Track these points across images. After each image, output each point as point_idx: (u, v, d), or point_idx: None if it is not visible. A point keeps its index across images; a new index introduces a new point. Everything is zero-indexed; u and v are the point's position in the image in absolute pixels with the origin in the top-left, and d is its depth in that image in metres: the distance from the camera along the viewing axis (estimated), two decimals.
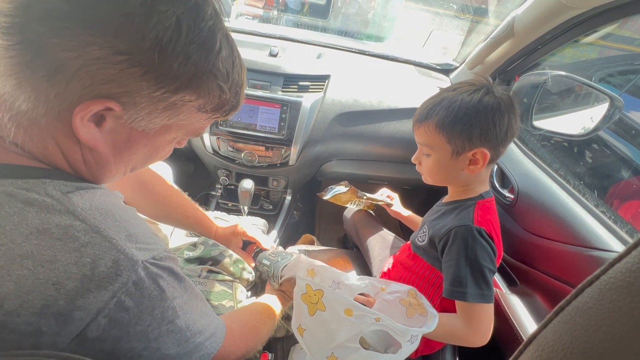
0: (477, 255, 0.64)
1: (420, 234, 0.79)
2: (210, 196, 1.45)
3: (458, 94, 0.67)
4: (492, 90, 0.66)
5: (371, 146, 1.21)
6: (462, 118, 0.65)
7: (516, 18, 0.90)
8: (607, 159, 1.29)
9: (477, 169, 0.68)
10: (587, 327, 0.16)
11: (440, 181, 0.76)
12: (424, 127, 0.70)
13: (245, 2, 4.07)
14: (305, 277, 0.65)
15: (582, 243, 0.71)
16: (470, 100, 0.65)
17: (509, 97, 0.67)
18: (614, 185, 1.17)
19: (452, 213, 0.73)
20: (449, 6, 4.30)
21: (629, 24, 2.07)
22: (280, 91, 1.15)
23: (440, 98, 0.68)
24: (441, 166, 0.71)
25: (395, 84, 1.23)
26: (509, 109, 0.65)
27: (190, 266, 0.82)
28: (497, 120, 0.64)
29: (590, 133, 0.85)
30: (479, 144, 0.66)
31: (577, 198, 0.81)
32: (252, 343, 0.59)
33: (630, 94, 1.50)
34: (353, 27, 3.11)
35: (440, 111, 0.67)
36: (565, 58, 1.49)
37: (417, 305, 0.64)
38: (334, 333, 0.57)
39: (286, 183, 1.37)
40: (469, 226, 0.66)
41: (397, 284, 0.69)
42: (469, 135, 0.65)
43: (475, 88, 0.66)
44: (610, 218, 0.74)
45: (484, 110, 0.64)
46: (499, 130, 0.65)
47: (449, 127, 0.66)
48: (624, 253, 0.17)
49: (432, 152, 0.71)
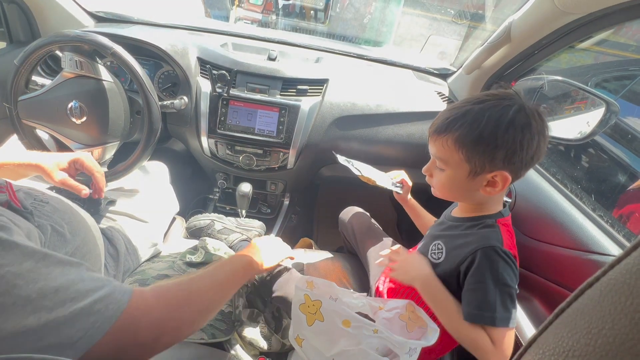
0: (506, 278, 0.60)
1: (434, 249, 0.73)
2: (208, 199, 1.45)
3: (486, 108, 0.59)
4: (524, 106, 0.59)
5: (369, 150, 1.22)
6: (488, 137, 0.58)
7: (513, 23, 0.91)
8: (604, 163, 1.30)
9: (494, 191, 0.62)
10: (588, 329, 0.16)
11: (451, 198, 0.71)
12: (441, 140, 0.63)
13: (244, 7, 4.10)
14: (305, 288, 0.65)
15: (580, 247, 0.71)
16: (499, 118, 0.58)
17: (541, 116, 0.60)
18: (611, 189, 1.18)
19: (471, 230, 0.67)
20: (446, 12, 4.34)
21: (623, 30, 2.10)
22: (278, 95, 1.15)
23: (464, 110, 0.61)
24: (455, 184, 0.66)
25: (393, 88, 1.23)
26: (540, 131, 0.59)
27: (192, 269, 0.82)
28: (525, 143, 0.58)
29: (587, 137, 0.85)
30: (501, 166, 0.60)
31: (575, 202, 0.81)
32: (178, 306, 0.49)
33: (626, 99, 1.51)
34: (351, 32, 3.14)
35: (464, 126, 0.60)
36: (561, 63, 1.50)
37: (416, 319, 0.64)
38: (333, 343, 0.57)
39: (284, 187, 1.37)
40: (497, 247, 0.62)
41: (394, 301, 0.68)
42: (492, 157, 0.59)
43: (506, 103, 0.59)
44: (608, 222, 0.74)
45: (514, 131, 0.58)
46: (525, 153, 0.59)
47: (470, 145, 0.60)
48: (623, 255, 0.17)
49: (446, 167, 0.65)
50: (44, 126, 0.93)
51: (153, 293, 0.47)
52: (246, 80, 1.16)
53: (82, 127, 0.92)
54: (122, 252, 0.81)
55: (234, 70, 1.12)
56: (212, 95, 1.13)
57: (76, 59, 0.90)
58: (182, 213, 1.21)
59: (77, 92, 0.91)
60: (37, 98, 0.90)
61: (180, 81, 1.17)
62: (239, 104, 1.14)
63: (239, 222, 1.15)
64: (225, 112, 1.15)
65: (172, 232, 1.11)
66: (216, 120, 1.15)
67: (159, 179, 1.09)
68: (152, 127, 0.96)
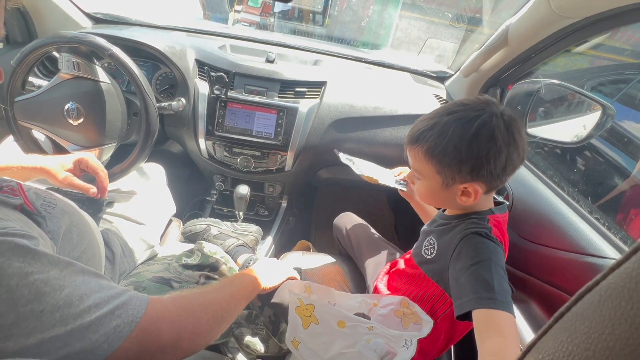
0: (500, 258, 0.59)
1: (427, 245, 0.73)
2: (206, 202, 1.44)
3: (452, 121, 0.59)
4: (492, 118, 0.57)
5: (367, 152, 1.22)
6: (452, 152, 0.58)
7: (510, 27, 0.92)
8: (600, 166, 1.31)
9: (469, 201, 0.62)
10: (588, 333, 0.16)
11: (433, 204, 0.72)
12: (414, 151, 0.64)
13: (242, 10, 4.11)
14: (301, 293, 0.65)
15: (577, 250, 0.72)
16: (462, 133, 0.57)
17: (510, 126, 0.58)
18: (607, 192, 1.18)
19: (460, 224, 0.67)
20: (444, 15, 4.37)
21: (618, 34, 2.12)
22: (276, 97, 1.15)
23: (433, 122, 0.61)
24: (431, 193, 0.67)
25: (391, 91, 1.24)
26: (508, 142, 0.57)
27: (188, 272, 0.81)
28: (491, 157, 0.57)
29: (583, 141, 0.86)
30: (470, 179, 0.60)
31: (572, 205, 0.82)
32: (195, 312, 0.50)
33: (622, 102, 1.52)
34: (349, 35, 3.16)
35: (431, 138, 0.60)
36: (557, 67, 1.51)
37: (411, 315, 0.64)
38: (329, 344, 0.57)
39: (282, 189, 1.36)
40: (482, 232, 0.61)
41: (388, 297, 0.68)
42: (459, 170, 0.59)
43: (474, 115, 0.58)
44: (605, 225, 0.74)
45: (477, 145, 0.57)
46: (493, 167, 0.58)
47: (437, 158, 0.60)
48: (623, 259, 0.16)
49: (422, 177, 0.66)
50: (40, 127, 0.92)
51: (170, 298, 0.49)
52: (244, 82, 1.15)
53: (79, 128, 0.92)
54: (118, 254, 0.80)
55: (232, 72, 1.12)
56: (210, 97, 1.13)
57: (73, 60, 0.90)
58: (179, 215, 1.21)
59: (74, 93, 0.91)
60: (34, 99, 0.90)
61: (178, 83, 1.17)
62: (237, 106, 1.14)
63: (235, 226, 1.15)
64: (223, 114, 1.14)
65: (169, 235, 1.10)
66: (214, 122, 1.15)
67: (156, 181, 1.08)
68: (149, 129, 0.96)
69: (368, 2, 4.37)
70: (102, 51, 0.88)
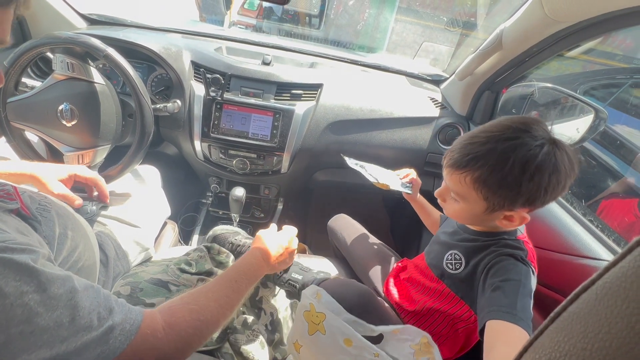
0: (530, 283, 0.57)
1: (449, 260, 0.70)
2: (201, 204, 1.43)
3: (511, 149, 0.54)
4: (554, 147, 0.53)
5: (363, 154, 1.22)
6: (511, 183, 0.54)
7: (504, 31, 0.93)
8: (593, 169, 1.33)
9: (510, 225, 0.60)
10: (585, 333, 0.16)
11: (464, 223, 0.69)
12: (458, 176, 0.59)
13: (238, 12, 4.11)
14: (312, 297, 0.64)
15: (571, 251, 0.72)
16: (526, 163, 0.53)
17: (570, 157, 0.54)
18: (600, 195, 1.20)
19: (494, 244, 0.64)
20: (439, 19, 4.41)
21: (609, 40, 2.16)
22: (272, 99, 1.15)
23: (487, 148, 0.55)
24: (470, 215, 0.63)
25: (387, 94, 1.24)
26: (569, 174, 0.54)
27: (186, 275, 0.80)
28: (550, 189, 0.54)
29: (577, 144, 0.87)
30: (521, 207, 0.57)
31: (566, 207, 0.82)
32: (187, 330, 0.49)
33: (613, 106, 1.55)
34: (345, 38, 3.17)
35: (485, 167, 0.55)
36: (550, 71, 1.53)
37: (427, 352, 0.61)
38: (331, 357, 0.56)
39: (278, 191, 1.36)
40: (521, 254, 0.60)
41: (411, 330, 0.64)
42: (513, 201, 0.56)
43: (536, 144, 0.53)
44: (598, 227, 0.75)
45: (540, 178, 0.53)
46: (549, 197, 0.55)
47: (492, 187, 0.56)
48: (619, 258, 0.17)
49: (462, 201, 0.61)
50: (33, 129, 0.91)
51: (162, 316, 0.49)
52: (240, 85, 1.15)
53: (72, 129, 0.91)
54: (112, 257, 0.79)
55: (228, 74, 1.11)
56: (205, 99, 1.13)
57: (68, 61, 0.89)
58: (174, 218, 1.20)
59: (68, 94, 0.90)
60: (27, 100, 0.89)
61: (173, 84, 1.17)
62: (232, 108, 1.14)
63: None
64: (219, 116, 1.14)
65: (164, 237, 1.09)
66: (210, 124, 1.14)
67: (150, 183, 1.07)
68: (144, 131, 0.95)
69: (364, 6, 4.40)
70: (97, 52, 0.88)
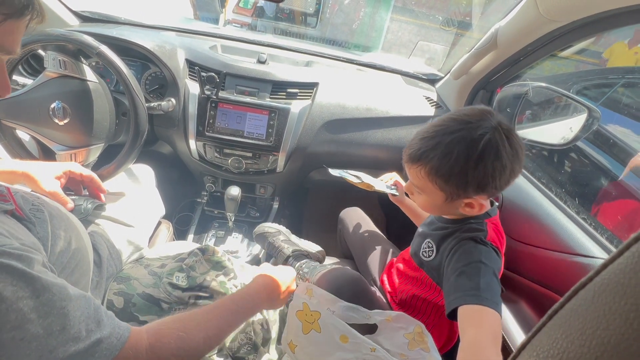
0: (491, 261, 0.60)
1: (425, 248, 0.75)
2: (196, 203, 1.42)
3: (455, 141, 0.58)
4: (494, 134, 0.57)
5: (359, 153, 1.22)
6: (458, 174, 0.58)
7: (499, 30, 0.93)
8: (586, 168, 1.34)
9: (473, 211, 0.64)
10: (582, 330, 0.16)
11: (435, 214, 0.73)
12: (415, 170, 0.64)
13: (233, 10, 4.08)
14: (303, 295, 0.64)
15: (565, 249, 0.73)
16: (468, 155, 0.57)
17: (512, 142, 0.58)
18: (593, 193, 1.21)
19: (460, 229, 0.68)
20: (434, 19, 4.43)
21: (602, 40, 2.18)
22: (268, 98, 1.15)
23: (435, 142, 0.60)
24: (434, 205, 0.67)
25: (383, 93, 1.24)
26: (513, 159, 0.58)
27: (177, 292, 0.77)
28: (497, 174, 0.58)
29: (570, 142, 0.87)
30: (474, 194, 0.61)
31: (559, 205, 0.83)
32: (169, 358, 0.48)
33: (605, 106, 1.56)
34: (341, 37, 3.17)
35: (434, 159, 0.59)
36: (544, 71, 1.54)
37: (420, 341, 0.63)
38: (327, 355, 0.56)
39: (273, 190, 1.36)
40: (478, 237, 0.63)
41: (406, 317, 0.66)
42: (464, 189, 0.60)
43: (477, 135, 0.57)
44: (591, 225, 0.76)
45: (483, 166, 0.57)
46: (498, 182, 0.59)
47: (442, 179, 0.60)
48: (616, 254, 0.17)
49: (423, 193, 0.66)
50: (24, 127, 0.89)
51: (150, 338, 0.48)
52: (235, 83, 1.15)
53: (65, 128, 0.90)
54: (105, 257, 0.78)
55: (223, 72, 1.11)
56: (200, 97, 1.12)
57: (60, 59, 0.87)
58: (168, 217, 1.19)
59: (60, 92, 0.88)
60: (18, 98, 0.87)
61: (168, 83, 1.15)
62: (228, 107, 1.13)
63: (302, 240, 1.12)
64: (214, 114, 1.13)
65: (158, 237, 1.08)
66: (204, 123, 1.13)
67: (144, 182, 1.06)
68: (138, 129, 0.94)
69: (360, 5, 4.41)
70: (89, 49, 0.86)
